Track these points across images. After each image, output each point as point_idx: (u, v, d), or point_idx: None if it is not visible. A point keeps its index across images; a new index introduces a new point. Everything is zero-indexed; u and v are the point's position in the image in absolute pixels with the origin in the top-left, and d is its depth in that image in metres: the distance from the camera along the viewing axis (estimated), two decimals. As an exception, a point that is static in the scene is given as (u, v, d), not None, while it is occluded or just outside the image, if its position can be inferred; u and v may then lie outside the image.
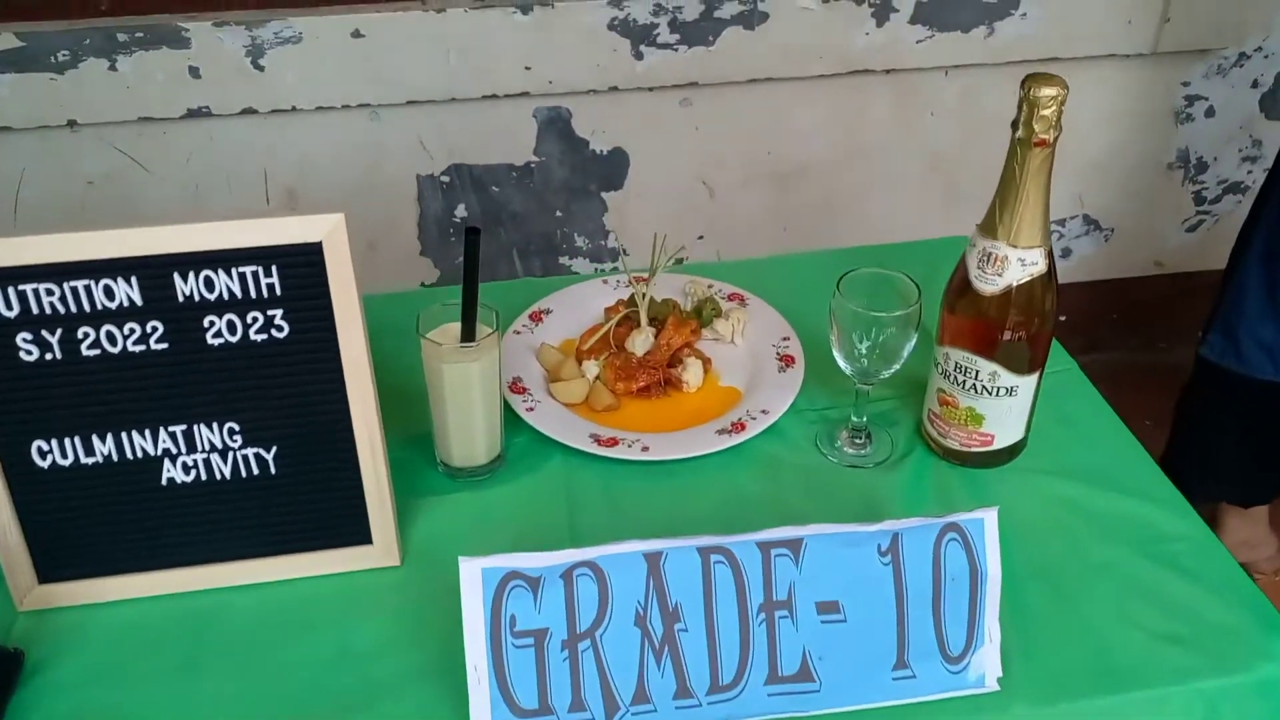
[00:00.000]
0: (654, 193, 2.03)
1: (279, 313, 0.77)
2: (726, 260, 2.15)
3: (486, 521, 0.92)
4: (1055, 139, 0.81)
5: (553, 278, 1.22)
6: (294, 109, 1.73)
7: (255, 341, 0.78)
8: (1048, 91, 0.79)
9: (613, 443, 0.96)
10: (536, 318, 1.13)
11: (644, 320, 1.06)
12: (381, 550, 0.87)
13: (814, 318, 1.13)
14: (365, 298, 0.79)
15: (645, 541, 0.73)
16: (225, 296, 0.76)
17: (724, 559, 0.74)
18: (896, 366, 0.92)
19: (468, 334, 0.89)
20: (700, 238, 2.14)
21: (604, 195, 2.01)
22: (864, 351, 0.91)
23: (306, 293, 0.77)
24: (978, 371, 0.90)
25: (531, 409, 0.99)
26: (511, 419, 0.99)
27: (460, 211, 1.95)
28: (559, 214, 2.03)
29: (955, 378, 0.91)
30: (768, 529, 0.74)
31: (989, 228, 0.86)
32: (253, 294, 0.76)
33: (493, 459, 0.95)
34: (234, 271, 0.76)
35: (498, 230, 2.02)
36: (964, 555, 0.76)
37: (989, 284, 0.87)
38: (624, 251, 2.16)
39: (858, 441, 0.99)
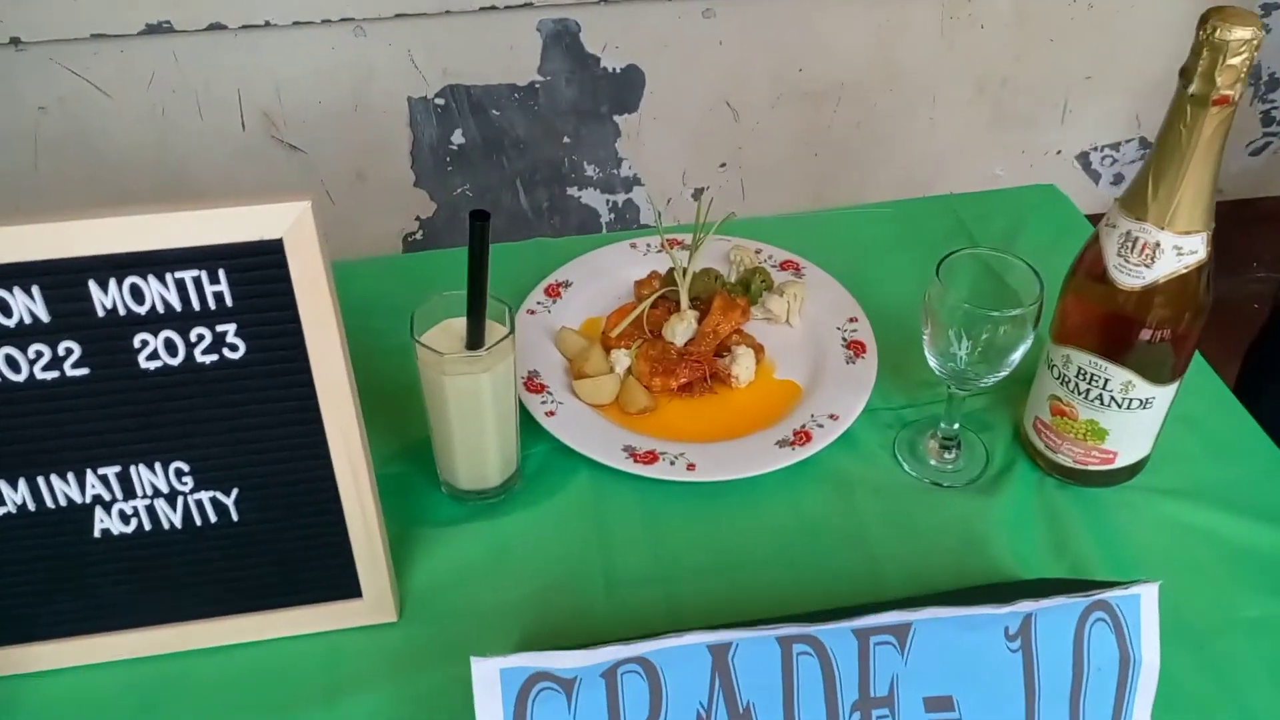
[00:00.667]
0: (672, 115, 1.82)
1: (231, 328, 0.60)
2: (755, 196, 1.95)
3: (501, 560, 0.76)
4: (1239, 96, 0.62)
5: (568, 239, 1.03)
6: (267, 24, 1.52)
7: (203, 364, 0.60)
8: (1240, 35, 0.60)
9: (651, 458, 0.79)
10: (553, 292, 0.94)
11: (684, 302, 0.88)
12: (373, 604, 0.71)
13: (882, 288, 0.95)
14: (345, 266, 0.60)
15: (711, 632, 0.57)
16: (160, 309, 0.58)
17: (809, 649, 0.58)
18: (1004, 373, 0.75)
19: (475, 339, 0.71)
20: (722, 165, 1.94)
21: (616, 119, 1.80)
22: (965, 353, 0.74)
23: (266, 303, 0.59)
24: (1106, 380, 0.72)
25: (552, 413, 0.82)
26: (528, 424, 0.82)
27: (457, 138, 1.75)
28: (566, 140, 1.83)
29: (1076, 385, 0.74)
30: (868, 614, 0.58)
31: (1136, 204, 0.68)
32: (195, 305, 0.59)
33: (507, 478, 0.78)
34: (169, 278, 0.58)
35: (499, 159, 1.81)
36: (1113, 640, 0.59)
37: (1133, 276, 0.68)
38: (637, 181, 1.95)
39: (947, 454, 0.82)
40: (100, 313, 0.58)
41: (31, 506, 0.64)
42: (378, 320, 0.78)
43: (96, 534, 0.65)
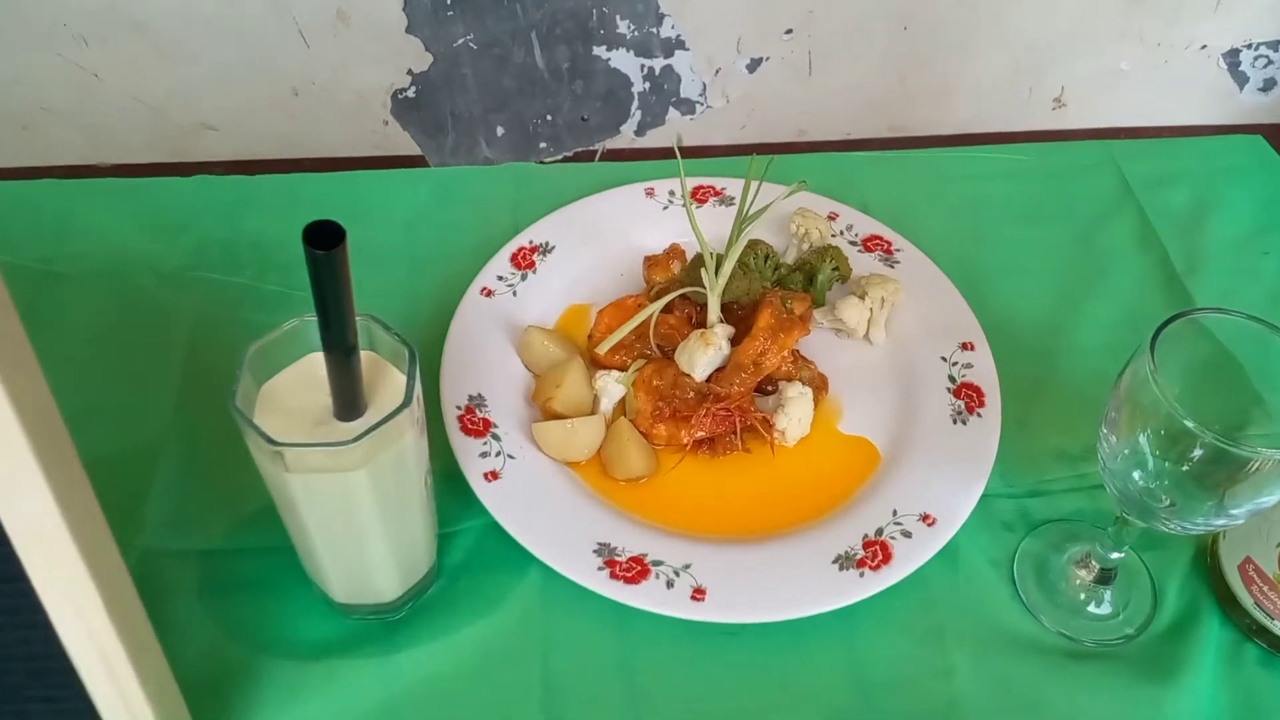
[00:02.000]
0: (731, -36, 1.43)
1: None
2: (824, 74, 1.57)
3: (397, 714, 0.49)
4: None
5: (557, 165, 0.72)
6: None
7: None
8: None
9: (637, 573, 0.51)
10: (523, 260, 0.64)
11: (714, 310, 0.57)
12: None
13: (1005, 285, 0.65)
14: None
15: None
16: None
17: None
18: (1235, 523, 0.45)
19: (346, 408, 0.41)
20: (788, 32, 1.56)
21: (661, -37, 1.42)
22: (1164, 479, 0.44)
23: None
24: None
25: (495, 475, 0.53)
26: (458, 489, 0.53)
27: (457, -25, 1.38)
28: (596, -16, 1.44)
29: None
30: None
31: None
32: None
33: (412, 586, 0.50)
34: None
35: (512, 5, 1.45)
36: None
37: None
38: (681, 44, 1.58)
39: (1096, 590, 0.53)
40: None
41: None
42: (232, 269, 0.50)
43: None
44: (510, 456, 0.55)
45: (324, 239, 0.35)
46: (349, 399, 0.41)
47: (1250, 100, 1.85)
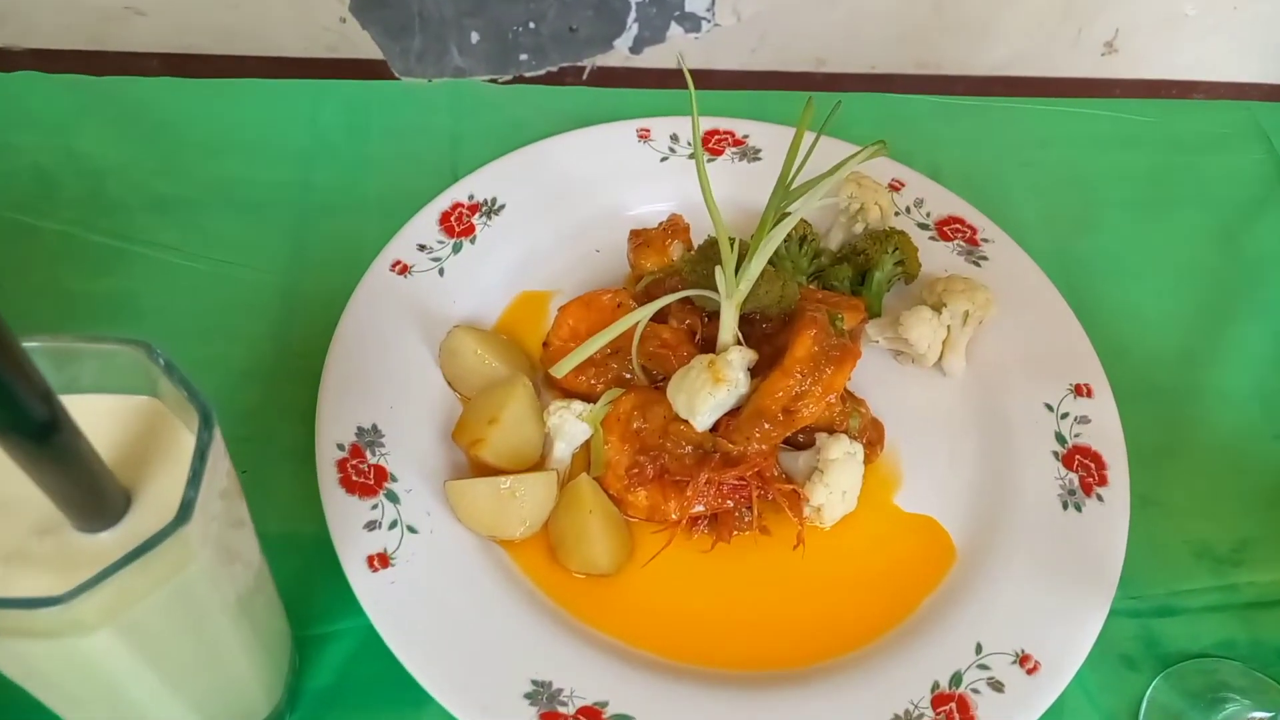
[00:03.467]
0: None
1: None
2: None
3: None
4: None
5: (517, 87, 0.53)
6: None
7: None
8: None
9: None
10: (457, 225, 0.45)
11: (729, 326, 0.38)
12: None
13: (1123, 294, 0.48)
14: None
15: None
16: None
17: None
18: None
19: (82, 517, 0.22)
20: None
21: None
22: None
23: None
24: None
25: (384, 562, 0.35)
26: (331, 570, 0.35)
27: None
28: None
29: None
30: None
31: None
32: None
33: None
34: None
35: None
36: None
37: None
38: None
39: None
40: None
41: None
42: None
43: None
44: (411, 530, 0.37)
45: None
46: (77, 502, 0.23)
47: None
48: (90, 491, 0.23)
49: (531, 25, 0.60)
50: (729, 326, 0.38)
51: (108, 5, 0.58)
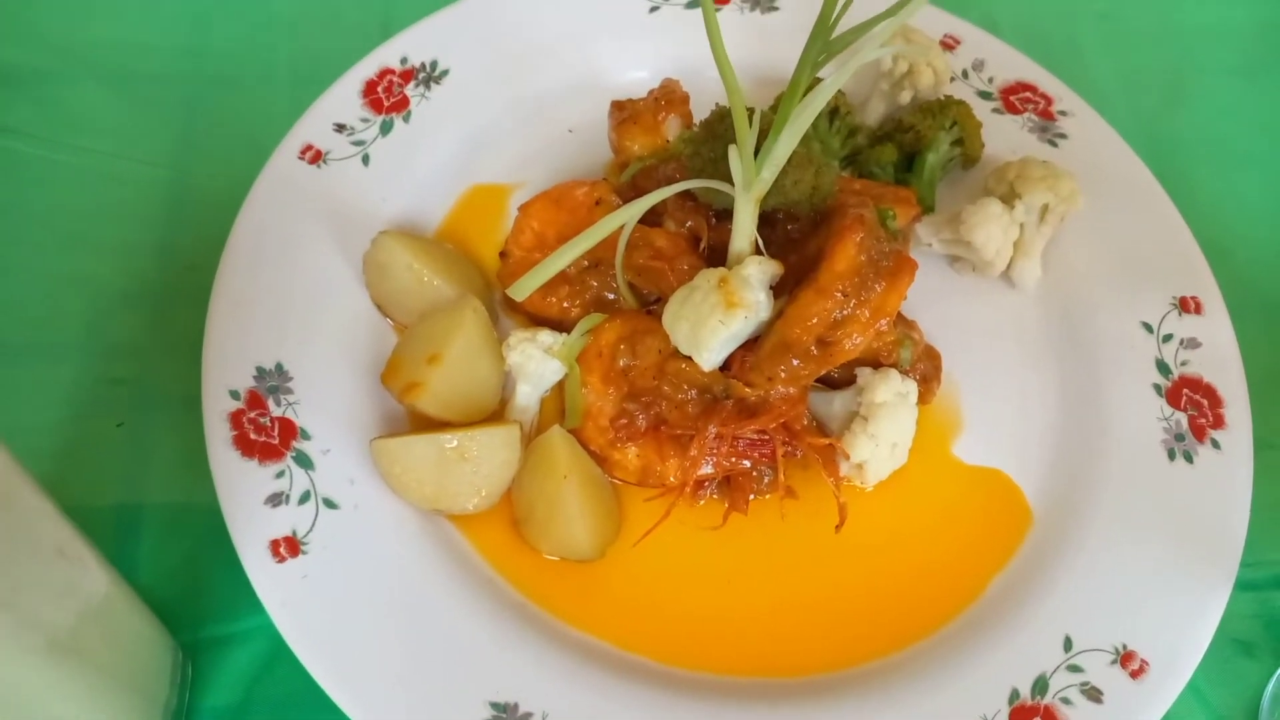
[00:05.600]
0: None
1: None
2: None
3: None
4: None
5: None
6: None
7: None
8: None
9: None
10: (387, 98, 0.34)
11: (743, 228, 0.29)
12: None
13: (1219, 185, 0.38)
14: None
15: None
16: None
17: None
18: None
19: None
20: None
21: None
22: None
23: None
24: None
25: (294, 548, 0.26)
26: (233, 574, 0.26)
27: None
28: None
29: None
30: None
31: None
32: None
33: None
34: None
35: None
36: None
37: None
38: None
39: None
40: None
41: None
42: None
43: None
44: (329, 504, 0.28)
45: None
46: None
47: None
48: None
49: None
50: (745, 230, 0.29)
51: None
